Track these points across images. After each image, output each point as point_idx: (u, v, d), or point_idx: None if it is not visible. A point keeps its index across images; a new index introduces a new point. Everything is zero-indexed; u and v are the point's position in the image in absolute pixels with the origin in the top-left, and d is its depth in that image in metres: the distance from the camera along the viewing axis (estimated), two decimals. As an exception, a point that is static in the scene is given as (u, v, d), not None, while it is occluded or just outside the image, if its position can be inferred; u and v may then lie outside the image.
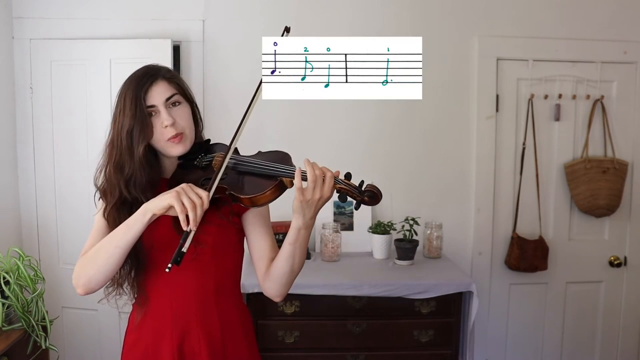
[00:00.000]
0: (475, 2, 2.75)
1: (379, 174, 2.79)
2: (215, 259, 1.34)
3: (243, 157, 1.32)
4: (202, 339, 1.33)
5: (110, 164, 1.30)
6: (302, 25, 2.66)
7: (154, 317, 1.34)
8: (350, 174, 1.22)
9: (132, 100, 1.28)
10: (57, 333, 2.58)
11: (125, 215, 1.28)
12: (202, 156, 1.37)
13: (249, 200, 1.22)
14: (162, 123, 1.29)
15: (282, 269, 1.30)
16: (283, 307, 2.27)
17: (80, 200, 2.59)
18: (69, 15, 2.61)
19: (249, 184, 1.25)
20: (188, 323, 1.33)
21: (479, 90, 2.77)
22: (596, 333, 2.93)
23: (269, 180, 1.23)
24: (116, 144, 1.30)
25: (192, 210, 1.14)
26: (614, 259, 2.88)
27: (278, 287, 1.33)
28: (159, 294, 1.33)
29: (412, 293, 2.26)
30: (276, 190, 1.21)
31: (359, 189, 1.18)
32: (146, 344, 1.35)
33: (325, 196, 1.19)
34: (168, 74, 1.34)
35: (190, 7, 2.66)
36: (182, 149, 1.33)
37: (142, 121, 1.27)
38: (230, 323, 1.38)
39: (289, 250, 1.27)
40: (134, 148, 1.28)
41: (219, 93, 2.68)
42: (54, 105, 2.61)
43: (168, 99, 1.31)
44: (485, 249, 2.83)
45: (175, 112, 1.32)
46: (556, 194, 2.84)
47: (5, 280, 2.03)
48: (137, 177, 1.28)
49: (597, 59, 2.77)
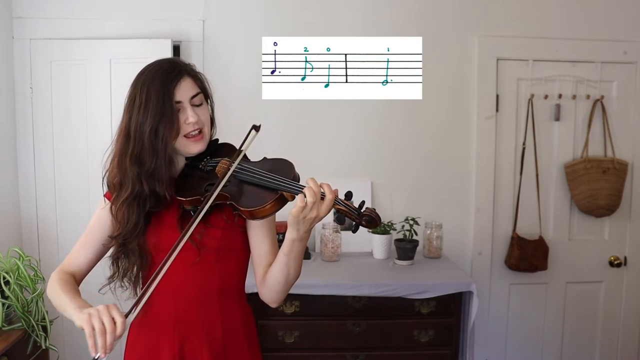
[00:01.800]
0: (475, 2, 2.75)
1: (379, 174, 2.80)
2: (220, 262, 1.33)
3: (247, 166, 1.28)
4: (204, 340, 1.32)
5: (126, 156, 1.26)
6: (302, 25, 2.66)
7: (156, 317, 1.33)
8: (351, 193, 1.18)
9: (160, 95, 1.24)
10: (57, 333, 2.58)
11: (135, 211, 1.26)
12: (208, 159, 1.35)
13: (248, 212, 1.20)
14: (186, 119, 1.27)
15: (277, 277, 1.28)
16: (283, 307, 2.27)
17: (80, 200, 2.60)
18: (69, 15, 2.61)
19: (250, 194, 1.23)
20: (190, 324, 1.32)
21: (479, 90, 2.76)
22: (596, 333, 2.93)
23: (270, 192, 1.20)
24: (134, 137, 1.25)
25: (101, 336, 1.06)
26: (614, 259, 2.88)
27: (273, 294, 1.32)
28: (161, 294, 1.31)
29: (412, 293, 2.26)
30: (276, 204, 1.20)
31: (358, 211, 1.14)
32: (147, 343, 1.35)
33: (321, 215, 1.15)
34: (193, 71, 1.33)
35: (190, 7, 2.66)
36: (202, 146, 1.31)
37: (171, 118, 1.25)
38: (233, 325, 1.36)
39: (283, 260, 1.25)
40: (159, 145, 1.25)
41: (219, 93, 2.64)
42: (54, 105, 2.61)
43: (193, 97, 1.29)
44: (485, 249, 2.83)
45: (198, 110, 1.30)
46: (556, 194, 2.84)
47: (5, 280, 2.03)
48: (161, 172, 1.26)
49: (597, 59, 2.77)
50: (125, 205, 1.26)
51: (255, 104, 2.51)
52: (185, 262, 1.28)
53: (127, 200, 1.26)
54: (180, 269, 1.28)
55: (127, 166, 1.26)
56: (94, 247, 1.34)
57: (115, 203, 1.28)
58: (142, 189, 1.25)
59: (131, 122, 1.26)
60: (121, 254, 1.31)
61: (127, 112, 1.28)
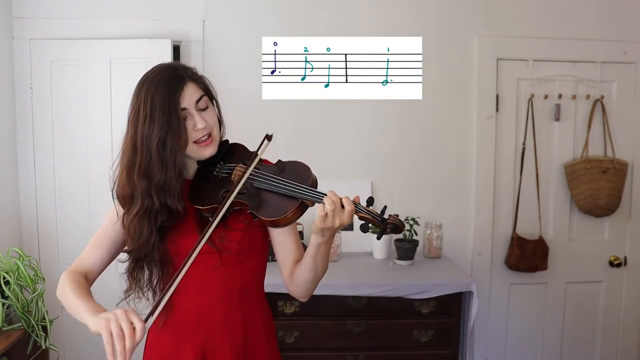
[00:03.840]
0: (475, 2, 2.75)
1: (379, 174, 2.80)
2: (241, 263, 1.32)
3: (264, 173, 1.25)
4: (225, 340, 1.31)
5: (134, 169, 1.22)
6: (302, 25, 2.66)
7: (178, 319, 1.32)
8: (373, 199, 1.18)
9: (165, 105, 1.20)
10: (57, 333, 2.58)
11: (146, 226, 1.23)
12: (222, 165, 1.33)
13: (270, 222, 1.19)
14: (194, 125, 1.24)
15: (306, 277, 1.29)
16: (283, 307, 2.27)
17: (80, 200, 2.60)
18: (69, 15, 2.61)
19: (270, 203, 1.21)
20: (212, 325, 1.31)
21: (479, 90, 2.77)
22: (596, 333, 2.93)
23: (291, 201, 1.18)
24: (141, 150, 1.21)
25: (120, 341, 1.02)
26: (614, 259, 2.88)
27: (304, 290, 1.34)
28: (184, 297, 1.30)
29: (412, 293, 2.26)
30: (297, 211, 1.19)
31: (381, 218, 1.15)
32: (168, 343, 1.34)
33: (344, 223, 1.15)
34: (195, 75, 1.30)
35: (190, 7, 2.66)
36: (213, 149, 1.29)
37: (178, 129, 1.21)
38: (253, 324, 1.36)
39: (310, 262, 1.26)
40: (169, 157, 1.21)
41: (219, 93, 2.65)
42: (53, 105, 2.60)
43: (198, 101, 1.26)
44: (485, 249, 2.83)
45: (204, 113, 1.28)
46: (556, 194, 2.84)
47: (5, 280, 2.03)
48: (172, 185, 1.22)
49: (597, 59, 2.77)
50: (136, 220, 1.23)
51: (255, 104, 2.51)
52: (207, 266, 1.28)
53: (138, 214, 1.23)
54: (203, 272, 1.29)
55: (136, 180, 1.22)
56: (108, 247, 1.32)
57: (127, 217, 1.25)
58: (153, 203, 1.22)
59: (137, 135, 1.22)
60: (137, 266, 1.29)
61: (132, 124, 1.23)
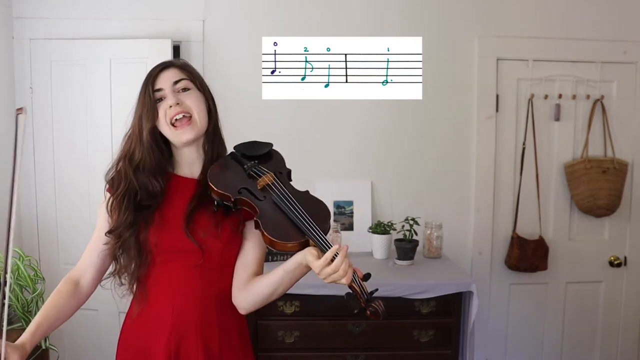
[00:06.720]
0: (475, 2, 2.75)
1: (379, 174, 2.80)
2: (220, 271, 1.34)
3: (289, 195, 1.25)
4: (200, 343, 1.32)
5: (124, 157, 1.33)
6: (302, 25, 2.66)
7: (154, 316, 1.33)
8: (370, 275, 1.22)
9: (142, 87, 1.32)
10: (57, 333, 2.57)
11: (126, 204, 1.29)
12: (254, 163, 1.33)
13: (269, 240, 1.19)
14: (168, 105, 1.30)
15: (263, 289, 1.29)
16: (283, 307, 2.27)
17: (80, 200, 2.59)
18: (69, 15, 2.61)
19: (279, 224, 1.21)
20: (187, 326, 1.32)
21: (479, 90, 2.76)
22: (596, 333, 2.93)
23: (298, 233, 1.19)
24: (130, 134, 1.33)
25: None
26: (614, 259, 2.88)
27: (251, 302, 1.32)
28: (160, 294, 1.32)
29: (412, 293, 2.26)
30: (298, 246, 1.20)
31: (368, 296, 1.19)
32: (144, 339, 1.34)
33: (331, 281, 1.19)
34: (180, 62, 1.37)
35: (190, 7, 2.66)
36: (190, 135, 1.31)
37: (149, 105, 1.29)
38: (228, 330, 1.36)
39: (280, 275, 1.25)
40: (142, 131, 1.30)
41: (219, 93, 2.66)
42: (54, 105, 2.61)
43: (176, 83, 1.31)
44: (485, 249, 2.83)
45: (184, 96, 1.32)
46: (556, 194, 2.84)
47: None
48: (147, 161, 1.30)
49: (597, 59, 2.77)
50: (117, 200, 1.31)
51: (255, 104, 2.51)
52: (188, 264, 1.30)
53: (119, 195, 1.30)
54: (182, 269, 1.30)
55: (123, 165, 1.32)
56: (97, 250, 1.35)
57: (112, 200, 1.32)
58: (131, 182, 1.30)
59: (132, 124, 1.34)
60: (119, 249, 1.32)
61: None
